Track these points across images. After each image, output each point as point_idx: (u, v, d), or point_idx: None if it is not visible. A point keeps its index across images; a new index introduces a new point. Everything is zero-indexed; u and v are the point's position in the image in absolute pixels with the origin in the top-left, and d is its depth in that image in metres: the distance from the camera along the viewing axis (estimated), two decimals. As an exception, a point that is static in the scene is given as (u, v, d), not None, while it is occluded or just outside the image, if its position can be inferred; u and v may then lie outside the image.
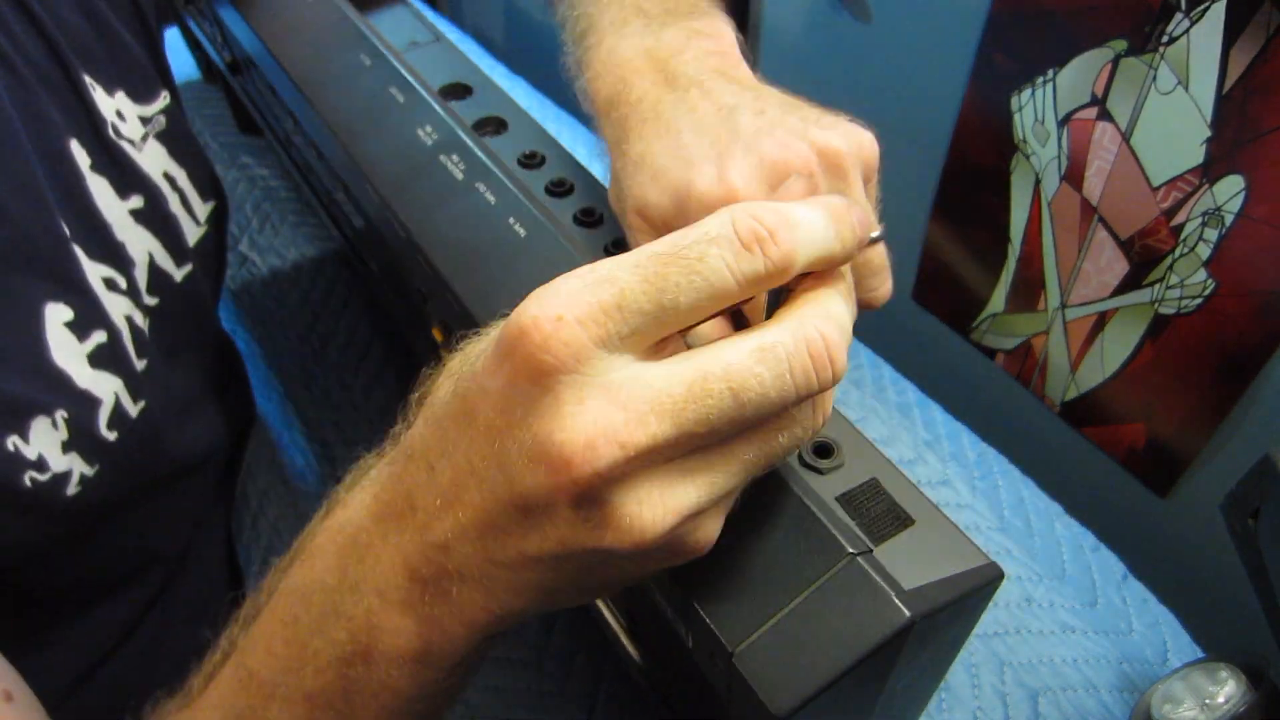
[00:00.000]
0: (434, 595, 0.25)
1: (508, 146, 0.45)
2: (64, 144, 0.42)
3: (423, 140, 0.44)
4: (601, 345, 0.21)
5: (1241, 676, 0.45)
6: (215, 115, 0.94)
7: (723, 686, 0.28)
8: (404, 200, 0.41)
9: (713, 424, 0.22)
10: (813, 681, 0.25)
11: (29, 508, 0.37)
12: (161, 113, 0.49)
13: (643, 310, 0.21)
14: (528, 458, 0.22)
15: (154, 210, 0.47)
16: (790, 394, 0.22)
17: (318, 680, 0.26)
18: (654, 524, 0.22)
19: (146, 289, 0.47)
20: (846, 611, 0.26)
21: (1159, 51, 0.58)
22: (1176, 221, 0.62)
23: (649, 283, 0.21)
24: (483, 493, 0.23)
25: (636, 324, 0.22)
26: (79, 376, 0.39)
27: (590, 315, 0.21)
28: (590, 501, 0.22)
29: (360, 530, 0.26)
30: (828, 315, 0.23)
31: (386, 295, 0.59)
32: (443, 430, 0.24)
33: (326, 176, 0.56)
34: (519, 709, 0.51)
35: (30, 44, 0.41)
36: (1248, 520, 0.42)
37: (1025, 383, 0.80)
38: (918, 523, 0.29)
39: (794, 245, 0.22)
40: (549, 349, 0.21)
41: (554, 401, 0.21)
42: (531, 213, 0.39)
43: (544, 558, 0.23)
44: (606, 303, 0.21)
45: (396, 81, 0.47)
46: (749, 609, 0.26)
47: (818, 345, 0.22)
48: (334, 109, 0.47)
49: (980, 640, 0.54)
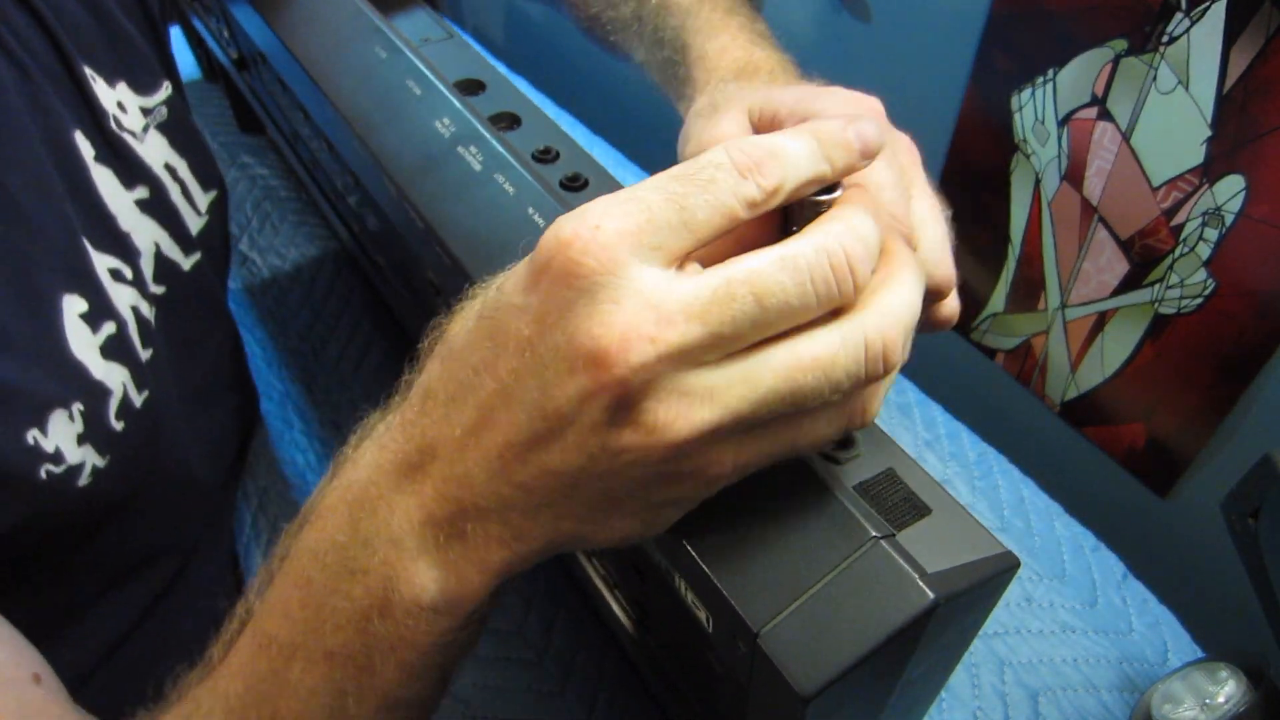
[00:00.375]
0: (450, 536, 0.26)
1: (522, 141, 0.45)
2: (69, 136, 0.42)
3: (440, 132, 0.44)
4: (634, 253, 0.23)
5: (1241, 676, 0.45)
6: (215, 114, 0.94)
7: (743, 670, 0.28)
8: (422, 191, 0.42)
9: (739, 326, 0.23)
10: (838, 662, 0.25)
11: (43, 500, 0.37)
12: (163, 104, 0.49)
13: (669, 223, 0.23)
14: (564, 358, 0.23)
15: (159, 200, 0.47)
16: (811, 301, 0.23)
17: (337, 638, 0.27)
18: (670, 429, 0.23)
19: (153, 278, 0.47)
20: (871, 593, 0.26)
21: (1159, 51, 0.58)
22: (1176, 221, 0.62)
23: (671, 200, 0.23)
24: (511, 408, 0.24)
25: (664, 236, 0.23)
26: (94, 368, 0.40)
27: (624, 225, 0.23)
28: (621, 404, 0.23)
29: (370, 484, 0.27)
30: (849, 229, 0.24)
31: (393, 291, 0.59)
32: (465, 360, 0.25)
33: (336, 171, 0.56)
34: (519, 709, 0.51)
35: (31, 36, 0.41)
36: (1248, 520, 0.42)
37: (1025, 383, 0.80)
38: (935, 512, 0.29)
39: (781, 171, 0.24)
40: (589, 252, 0.23)
41: (590, 301, 0.23)
42: (551, 204, 0.39)
43: (565, 473, 0.24)
44: (637, 215, 0.23)
45: (413, 75, 0.47)
46: (773, 591, 0.27)
47: (838, 256, 0.24)
48: (350, 102, 0.47)
49: (980, 640, 0.54)
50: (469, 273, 0.37)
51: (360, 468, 0.28)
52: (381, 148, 0.44)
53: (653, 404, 0.23)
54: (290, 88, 0.55)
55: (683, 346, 0.23)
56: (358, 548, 0.26)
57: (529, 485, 0.25)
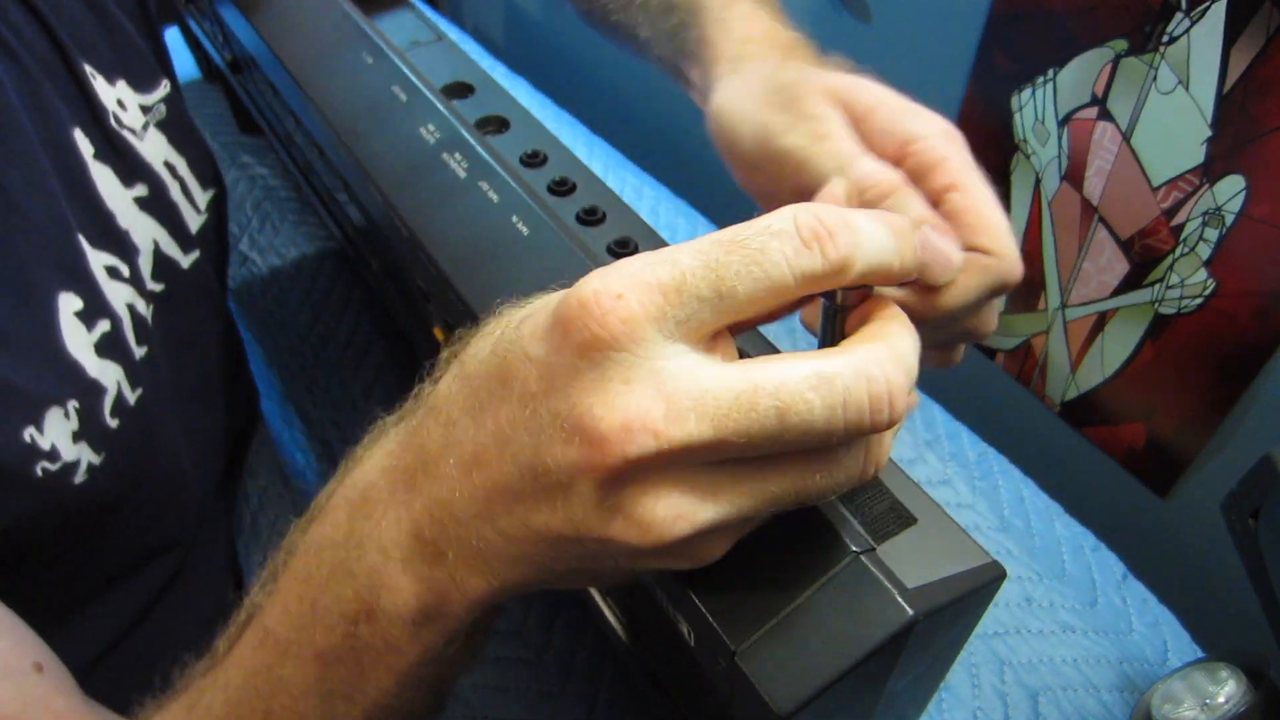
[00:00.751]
0: (433, 555, 0.25)
1: (510, 145, 0.45)
2: (68, 133, 0.42)
3: (425, 139, 0.44)
4: (658, 327, 0.21)
5: (1241, 676, 0.44)
6: (215, 115, 0.94)
7: (724, 685, 0.28)
8: (407, 198, 0.41)
9: (752, 438, 0.21)
10: (816, 680, 0.25)
11: (39, 497, 0.37)
12: (162, 101, 0.49)
13: (701, 295, 0.21)
14: (561, 428, 0.22)
15: (158, 198, 0.47)
16: (838, 429, 0.21)
17: (327, 639, 0.27)
18: (667, 529, 0.22)
19: (151, 276, 0.47)
20: (849, 610, 0.26)
21: (1159, 51, 0.58)
22: (1177, 221, 0.62)
23: (710, 269, 0.21)
24: (503, 456, 0.23)
25: (694, 309, 0.21)
26: (89, 366, 0.40)
27: (650, 295, 0.21)
28: (612, 487, 0.22)
29: (370, 487, 0.27)
30: (897, 357, 0.22)
31: (388, 294, 0.59)
32: (473, 388, 0.24)
33: (328, 175, 0.56)
34: (519, 709, 0.51)
35: (31, 34, 0.41)
36: (1248, 520, 0.42)
37: (1025, 383, 0.80)
38: (920, 521, 0.29)
39: (854, 248, 0.22)
40: (606, 324, 0.21)
41: (600, 377, 0.21)
42: (534, 211, 0.39)
43: (548, 536, 0.23)
44: (666, 283, 0.21)
45: (399, 80, 0.47)
46: (751, 607, 0.26)
47: (879, 387, 0.21)
48: (336, 108, 0.47)
49: (980, 640, 0.54)
50: (453, 283, 0.37)
51: (365, 467, 0.28)
52: (368, 155, 0.44)
53: (648, 499, 0.22)
54: (280, 93, 0.56)
55: (688, 445, 0.21)
56: (350, 548, 0.26)
57: (511, 534, 0.24)
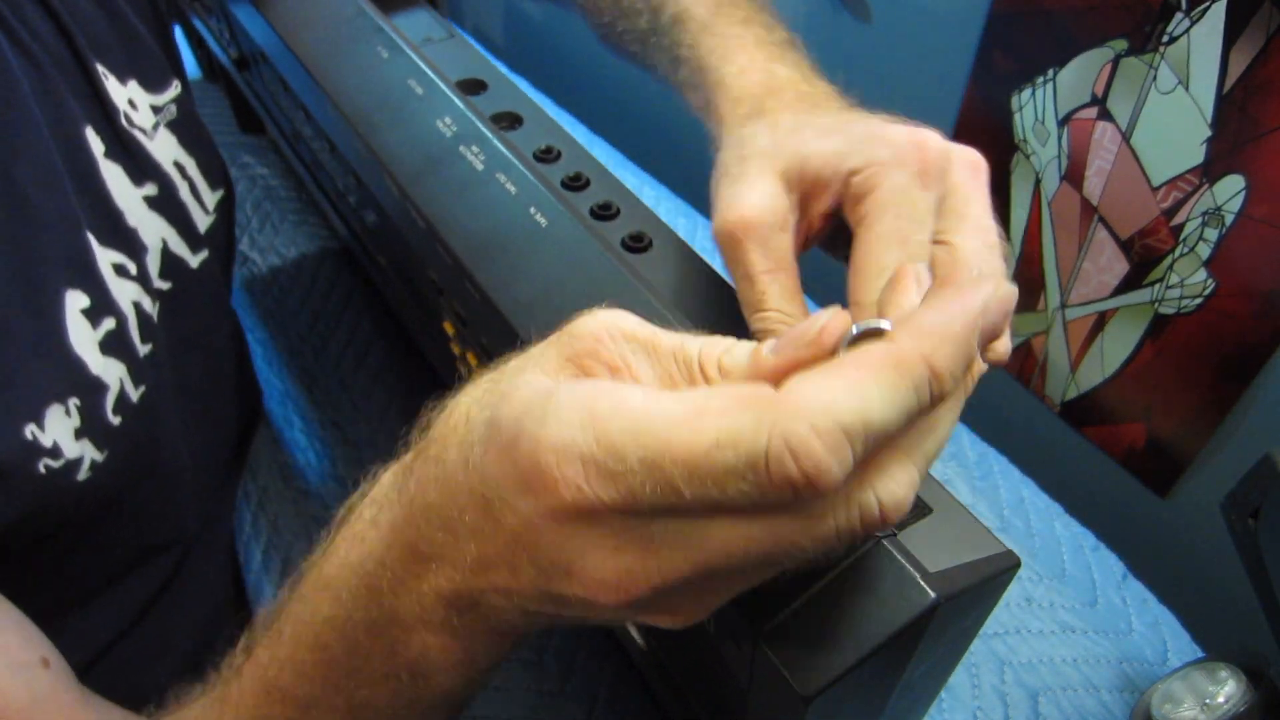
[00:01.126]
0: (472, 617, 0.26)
1: (523, 141, 0.45)
2: (80, 131, 0.42)
3: (442, 131, 0.44)
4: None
5: (1241, 676, 0.45)
6: (215, 114, 0.94)
7: (744, 671, 0.28)
8: (424, 191, 0.42)
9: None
10: (840, 662, 0.25)
11: (41, 494, 0.37)
12: (173, 102, 0.50)
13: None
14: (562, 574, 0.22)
15: (168, 197, 0.47)
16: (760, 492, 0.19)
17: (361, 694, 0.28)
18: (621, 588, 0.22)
19: (159, 274, 0.47)
20: (872, 593, 0.26)
21: (1159, 51, 0.58)
22: (1176, 221, 0.62)
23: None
24: (514, 572, 0.24)
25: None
26: (92, 363, 0.40)
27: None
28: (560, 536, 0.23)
29: (383, 566, 0.27)
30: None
31: (395, 291, 0.59)
32: (457, 504, 0.24)
33: (337, 171, 0.56)
34: (519, 709, 0.51)
35: (45, 32, 0.42)
36: (1248, 520, 0.42)
37: (1025, 383, 0.80)
38: (936, 511, 0.29)
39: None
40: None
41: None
42: (553, 203, 0.40)
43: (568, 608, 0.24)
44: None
45: (415, 74, 0.47)
46: (774, 591, 0.26)
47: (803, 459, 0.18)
48: (351, 101, 0.47)
49: (980, 640, 0.54)
50: (470, 272, 0.37)
51: (369, 544, 0.27)
52: (383, 148, 0.44)
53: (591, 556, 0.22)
54: (291, 87, 0.56)
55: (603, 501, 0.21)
56: (384, 625, 0.27)
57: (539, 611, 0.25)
